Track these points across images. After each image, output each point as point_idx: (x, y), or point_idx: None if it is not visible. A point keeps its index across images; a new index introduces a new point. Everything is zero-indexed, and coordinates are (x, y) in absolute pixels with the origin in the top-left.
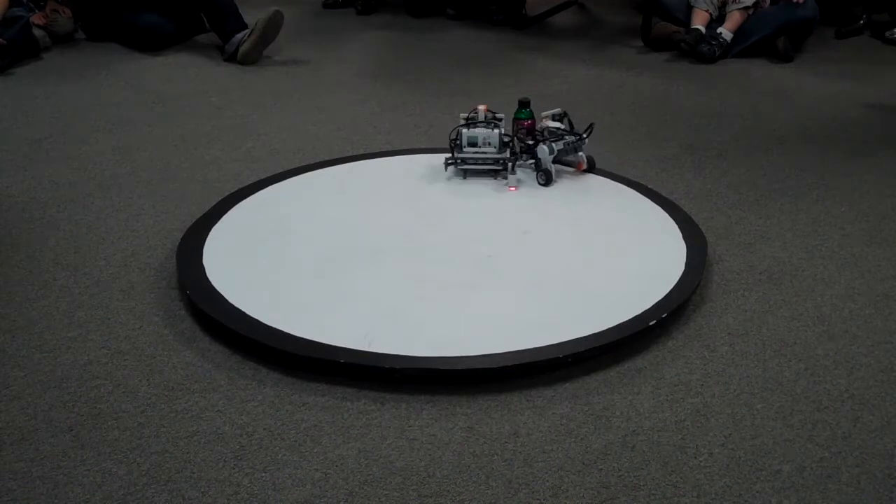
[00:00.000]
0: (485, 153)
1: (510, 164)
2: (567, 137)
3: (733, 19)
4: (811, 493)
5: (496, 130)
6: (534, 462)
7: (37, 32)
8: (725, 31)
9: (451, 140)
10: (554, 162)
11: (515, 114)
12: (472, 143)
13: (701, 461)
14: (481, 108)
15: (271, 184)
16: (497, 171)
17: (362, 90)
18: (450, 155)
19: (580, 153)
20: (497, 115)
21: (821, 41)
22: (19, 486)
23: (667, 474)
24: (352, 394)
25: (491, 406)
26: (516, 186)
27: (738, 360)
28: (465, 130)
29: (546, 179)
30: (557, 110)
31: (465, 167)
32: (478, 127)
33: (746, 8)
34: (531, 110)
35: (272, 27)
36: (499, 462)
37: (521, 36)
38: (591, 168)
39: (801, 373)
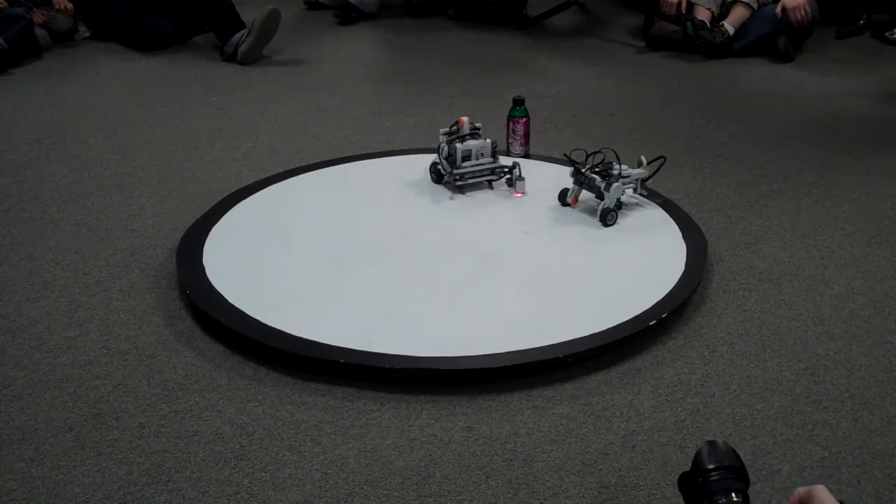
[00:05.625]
0: (481, 164)
1: (517, 170)
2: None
3: (736, 14)
4: None
5: (488, 140)
6: (534, 462)
7: (38, 32)
8: (727, 25)
9: (440, 157)
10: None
11: (510, 112)
12: (467, 158)
13: None
14: (465, 120)
15: (271, 184)
16: (493, 179)
17: (362, 90)
18: (439, 171)
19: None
20: (476, 126)
21: (821, 41)
22: (19, 486)
23: (667, 474)
24: (352, 394)
25: (491, 406)
26: (524, 192)
27: (738, 360)
28: (458, 146)
29: (602, 218)
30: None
31: (464, 182)
32: (469, 140)
33: (748, 5)
34: (525, 108)
35: (270, 25)
36: (499, 462)
37: (521, 36)
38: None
39: (801, 373)
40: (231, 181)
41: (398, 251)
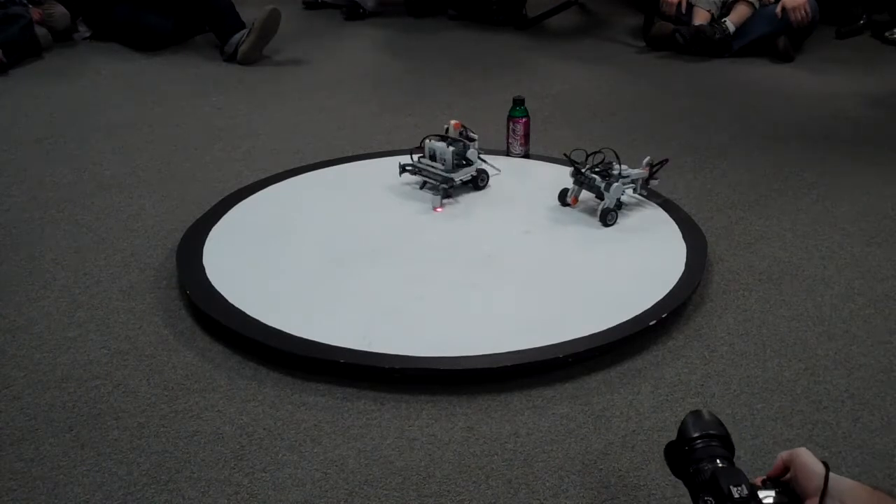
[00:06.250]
0: (434, 168)
1: (445, 188)
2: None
3: (738, 11)
4: None
5: (451, 149)
6: (534, 462)
7: (38, 31)
8: (729, 22)
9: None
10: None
11: (510, 112)
12: (432, 157)
13: None
14: (453, 123)
15: (271, 184)
16: (443, 188)
17: (362, 90)
18: (408, 161)
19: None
20: (471, 135)
21: (821, 41)
22: (19, 486)
23: (667, 474)
24: (352, 394)
25: (491, 406)
26: (442, 207)
27: (738, 360)
28: (427, 142)
29: (602, 218)
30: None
31: (420, 176)
32: (441, 141)
33: (751, 3)
34: (526, 108)
35: (270, 25)
36: (499, 462)
37: (521, 36)
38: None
39: (801, 373)
40: (231, 181)
41: (398, 251)
